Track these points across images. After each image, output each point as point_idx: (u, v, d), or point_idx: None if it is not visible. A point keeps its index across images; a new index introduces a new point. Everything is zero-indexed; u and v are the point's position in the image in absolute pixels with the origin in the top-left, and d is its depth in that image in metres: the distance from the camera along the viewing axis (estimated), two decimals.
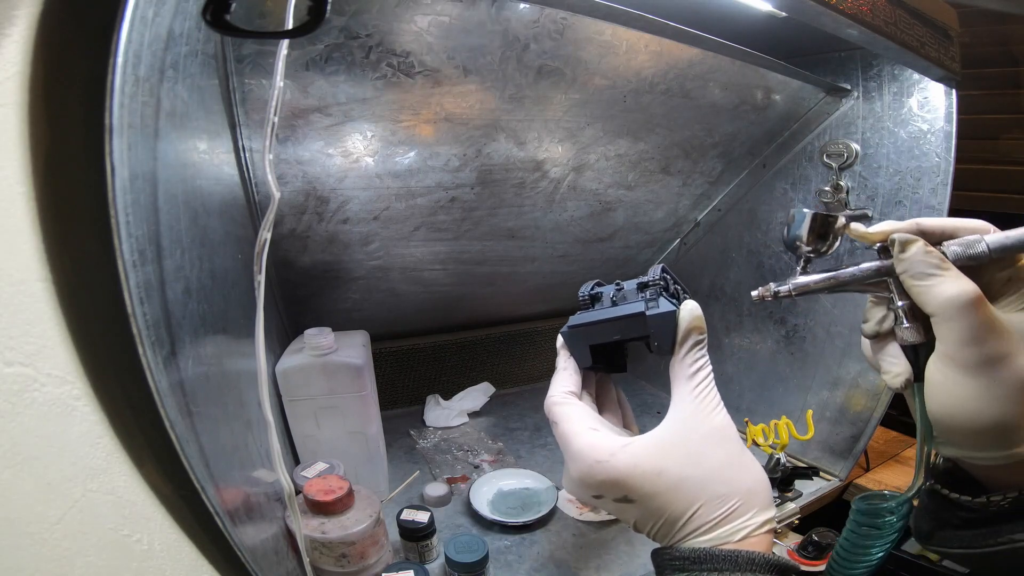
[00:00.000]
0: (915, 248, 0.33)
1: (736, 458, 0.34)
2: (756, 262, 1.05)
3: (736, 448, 0.35)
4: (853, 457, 0.92)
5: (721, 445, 0.34)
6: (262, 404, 0.42)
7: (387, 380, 1.12)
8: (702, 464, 0.34)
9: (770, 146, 1.00)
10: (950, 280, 0.31)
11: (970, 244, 0.33)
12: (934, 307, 0.32)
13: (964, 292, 0.31)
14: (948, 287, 0.31)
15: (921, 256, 0.32)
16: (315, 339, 0.73)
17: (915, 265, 0.32)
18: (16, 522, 0.28)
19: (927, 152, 0.79)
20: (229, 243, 0.53)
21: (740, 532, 0.32)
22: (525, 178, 0.88)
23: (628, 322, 0.41)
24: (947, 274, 0.32)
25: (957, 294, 0.31)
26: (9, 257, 0.28)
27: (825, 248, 0.38)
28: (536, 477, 0.89)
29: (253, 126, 0.64)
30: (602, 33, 0.68)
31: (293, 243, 0.83)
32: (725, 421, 0.35)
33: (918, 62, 0.68)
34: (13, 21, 0.28)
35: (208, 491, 0.36)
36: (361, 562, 0.60)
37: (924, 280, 0.32)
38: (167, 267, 0.36)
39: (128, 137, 0.31)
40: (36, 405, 0.29)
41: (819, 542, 0.74)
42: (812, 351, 0.97)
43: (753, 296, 0.40)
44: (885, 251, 0.35)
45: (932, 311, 0.32)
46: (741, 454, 0.35)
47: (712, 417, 0.35)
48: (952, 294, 0.31)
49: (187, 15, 0.40)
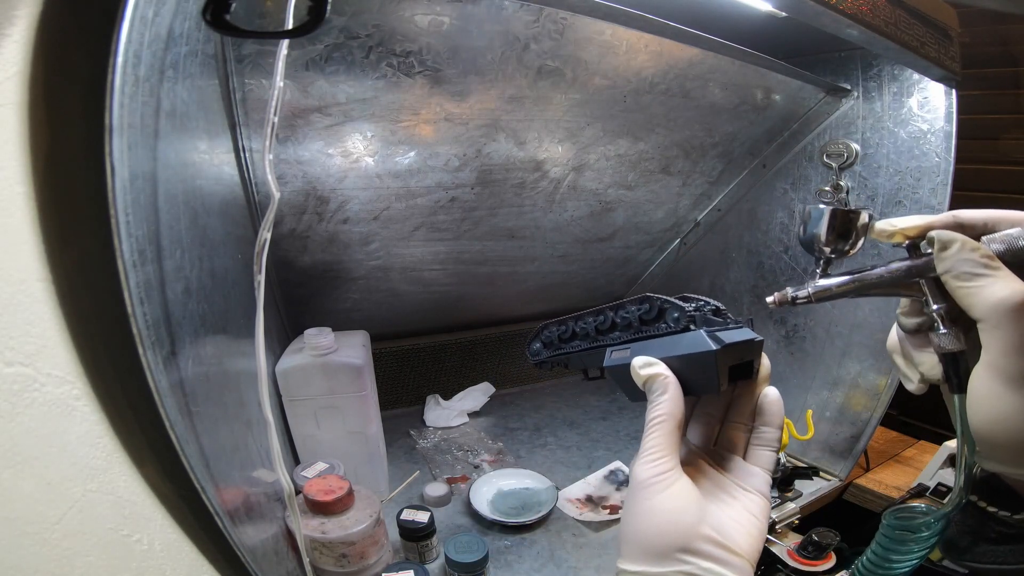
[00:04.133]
0: (958, 245, 0.29)
1: (630, 508, 0.34)
2: (756, 262, 1.05)
3: (636, 498, 0.33)
4: (853, 457, 0.92)
5: (632, 493, 0.34)
6: (262, 404, 0.42)
7: (387, 380, 1.12)
8: (624, 508, 0.34)
9: (770, 146, 1.00)
10: (1001, 281, 0.28)
11: (1013, 240, 0.29)
12: (982, 311, 0.28)
13: (1017, 295, 0.27)
14: (999, 289, 0.28)
15: (967, 254, 0.29)
16: (315, 339, 0.73)
17: (960, 264, 0.29)
18: (16, 522, 0.28)
19: (927, 152, 0.79)
20: (229, 243, 0.53)
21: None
22: (525, 178, 0.88)
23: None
24: (997, 274, 0.28)
25: (1009, 296, 0.27)
26: (9, 257, 0.28)
27: (848, 247, 0.35)
28: (536, 477, 0.88)
29: (253, 126, 0.64)
30: (602, 33, 0.68)
31: (293, 243, 0.83)
32: (638, 470, 0.34)
33: (918, 62, 0.68)
34: (13, 21, 0.28)
35: (208, 491, 0.36)
36: (361, 562, 0.60)
37: (971, 281, 0.29)
38: (167, 267, 0.36)
39: (128, 137, 0.31)
40: (36, 405, 0.29)
41: (819, 542, 0.74)
42: (812, 351, 0.97)
43: (768, 302, 0.37)
44: (915, 248, 0.32)
45: (979, 315, 0.28)
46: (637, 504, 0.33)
47: (635, 465, 0.34)
48: (1003, 296, 0.27)
49: (187, 15, 0.40)
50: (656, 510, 0.33)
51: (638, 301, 0.42)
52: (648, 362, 0.35)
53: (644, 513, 0.33)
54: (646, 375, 0.35)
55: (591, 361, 0.46)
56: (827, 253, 0.35)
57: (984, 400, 0.29)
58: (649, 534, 0.32)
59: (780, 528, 0.82)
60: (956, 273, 0.29)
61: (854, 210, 0.34)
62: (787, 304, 0.36)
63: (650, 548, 0.32)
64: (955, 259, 0.29)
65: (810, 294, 0.35)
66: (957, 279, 0.29)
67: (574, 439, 1.05)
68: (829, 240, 0.35)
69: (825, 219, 0.34)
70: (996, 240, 0.30)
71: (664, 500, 0.33)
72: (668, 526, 0.32)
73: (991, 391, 0.29)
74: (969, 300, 0.29)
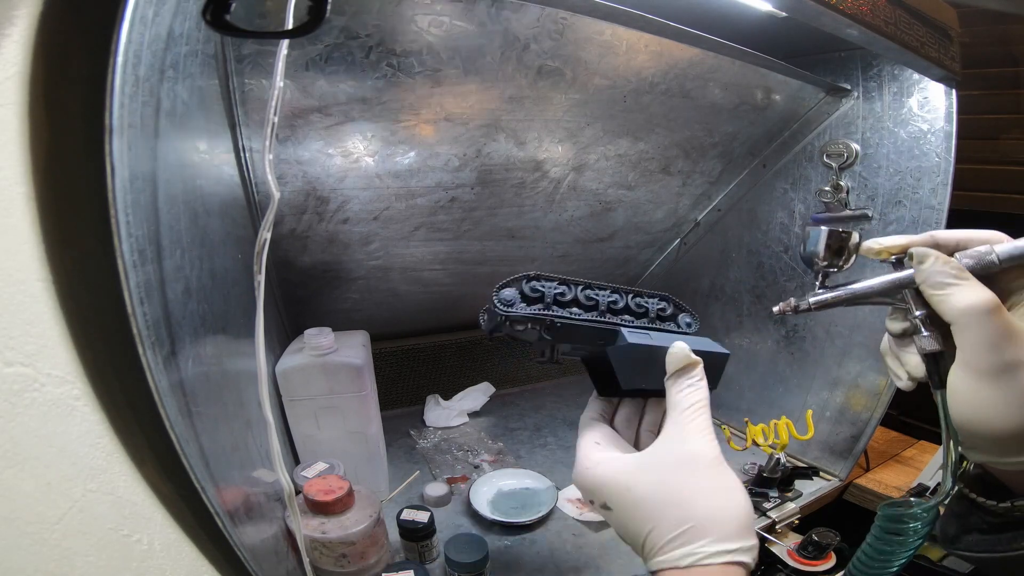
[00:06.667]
0: (932, 259, 0.34)
1: (705, 485, 0.34)
2: (756, 262, 1.05)
3: (708, 475, 0.34)
4: (853, 457, 0.92)
5: (692, 471, 0.34)
6: (262, 404, 0.42)
7: (387, 380, 1.12)
8: (666, 487, 0.34)
9: (770, 146, 1.00)
10: (967, 289, 0.32)
11: (981, 255, 0.34)
12: (953, 315, 0.33)
13: (981, 300, 0.32)
14: (966, 295, 0.32)
15: (940, 266, 0.33)
16: (315, 339, 0.73)
17: (933, 275, 0.34)
18: (16, 522, 0.28)
19: (927, 152, 0.79)
20: (229, 243, 0.53)
21: (688, 558, 0.32)
22: (525, 178, 0.88)
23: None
24: (965, 283, 0.33)
25: (974, 302, 0.32)
26: (9, 257, 0.28)
27: (842, 263, 0.40)
28: (536, 477, 0.89)
29: (253, 126, 0.64)
30: (602, 33, 0.68)
31: (293, 243, 0.83)
32: (702, 448, 0.35)
33: (918, 62, 0.68)
34: (13, 21, 0.28)
35: (208, 491, 0.36)
36: (361, 562, 0.60)
37: (942, 290, 0.33)
38: (167, 267, 0.36)
39: (128, 137, 0.31)
40: (36, 405, 0.29)
41: (819, 542, 0.74)
42: (812, 351, 0.97)
43: (775, 311, 0.41)
44: (901, 263, 0.37)
45: (951, 319, 0.33)
46: (710, 480, 0.34)
47: (690, 443, 0.35)
48: (970, 302, 0.32)
49: (187, 15, 0.40)
50: (737, 485, 0.35)
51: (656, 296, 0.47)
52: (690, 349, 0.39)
53: (734, 488, 0.35)
54: (690, 360, 0.38)
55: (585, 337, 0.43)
56: (824, 268, 0.40)
57: (961, 394, 0.33)
58: (746, 507, 0.34)
59: (780, 528, 0.82)
60: (931, 283, 0.34)
61: (847, 231, 0.39)
62: (790, 313, 0.41)
63: (748, 522, 0.34)
64: (929, 271, 0.34)
65: (811, 304, 0.40)
66: (932, 288, 0.34)
67: (574, 439, 1.05)
68: (826, 257, 0.40)
69: (822, 239, 0.39)
70: (967, 255, 0.34)
71: (733, 476, 0.35)
72: (747, 500, 0.35)
73: (967, 385, 0.32)
74: (942, 306, 0.33)
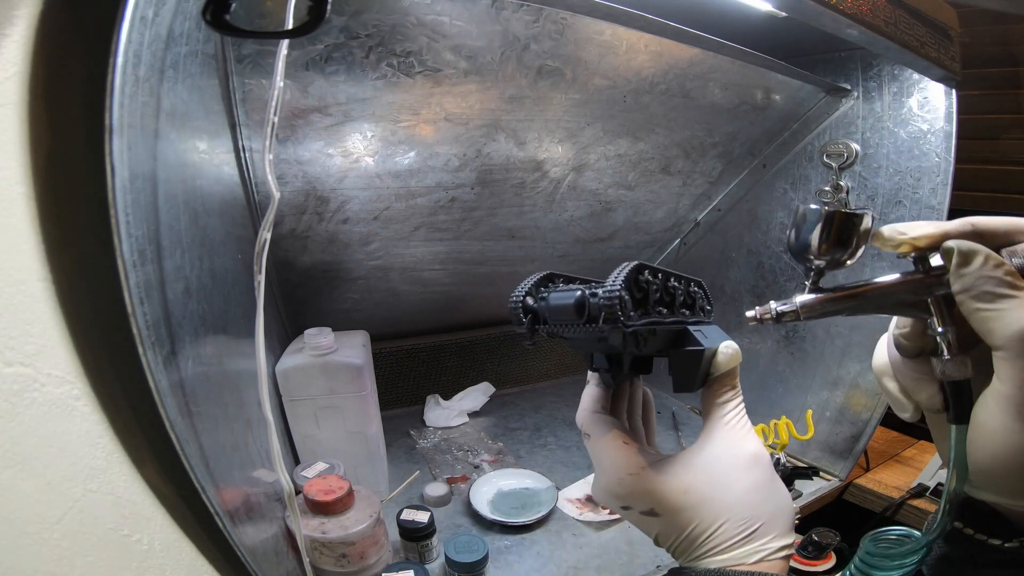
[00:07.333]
0: (981, 259, 0.25)
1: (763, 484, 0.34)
2: (756, 262, 1.05)
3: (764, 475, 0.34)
4: (853, 457, 0.92)
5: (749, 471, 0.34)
6: (262, 404, 0.42)
7: (387, 380, 1.12)
8: (729, 486, 0.33)
9: (770, 146, 1.00)
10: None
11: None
12: (1003, 339, 0.24)
13: None
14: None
15: (989, 271, 0.25)
16: (315, 339, 0.73)
17: (981, 283, 0.25)
18: (16, 522, 0.28)
19: (927, 152, 0.79)
20: (229, 243, 0.53)
21: (756, 555, 0.32)
22: (525, 178, 0.88)
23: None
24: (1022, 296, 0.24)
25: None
26: (9, 257, 0.28)
27: (846, 256, 0.30)
28: (536, 477, 0.89)
29: (253, 126, 0.64)
30: (602, 33, 0.68)
31: (293, 243, 0.83)
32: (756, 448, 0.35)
33: (918, 62, 0.68)
34: (13, 21, 0.28)
35: (208, 491, 0.36)
36: (361, 562, 0.60)
37: (993, 303, 0.25)
38: (167, 267, 0.36)
39: (128, 137, 0.31)
40: (36, 405, 0.29)
41: (819, 542, 0.74)
42: (812, 351, 0.97)
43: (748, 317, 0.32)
44: (923, 260, 0.28)
45: (1000, 343, 0.25)
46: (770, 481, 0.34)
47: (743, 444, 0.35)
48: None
49: (187, 15, 0.40)
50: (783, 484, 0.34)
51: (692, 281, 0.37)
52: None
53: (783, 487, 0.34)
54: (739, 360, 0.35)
55: (661, 341, 0.34)
56: (819, 262, 0.30)
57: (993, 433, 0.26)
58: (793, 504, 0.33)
59: None
60: (976, 292, 0.25)
61: (856, 213, 0.29)
62: (770, 321, 0.31)
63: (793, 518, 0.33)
64: (976, 276, 0.25)
65: (797, 309, 0.30)
66: (977, 300, 0.25)
67: (574, 439, 1.05)
68: (825, 247, 0.29)
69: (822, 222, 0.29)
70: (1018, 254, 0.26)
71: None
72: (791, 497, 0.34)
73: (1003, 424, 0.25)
74: (989, 325, 0.25)
